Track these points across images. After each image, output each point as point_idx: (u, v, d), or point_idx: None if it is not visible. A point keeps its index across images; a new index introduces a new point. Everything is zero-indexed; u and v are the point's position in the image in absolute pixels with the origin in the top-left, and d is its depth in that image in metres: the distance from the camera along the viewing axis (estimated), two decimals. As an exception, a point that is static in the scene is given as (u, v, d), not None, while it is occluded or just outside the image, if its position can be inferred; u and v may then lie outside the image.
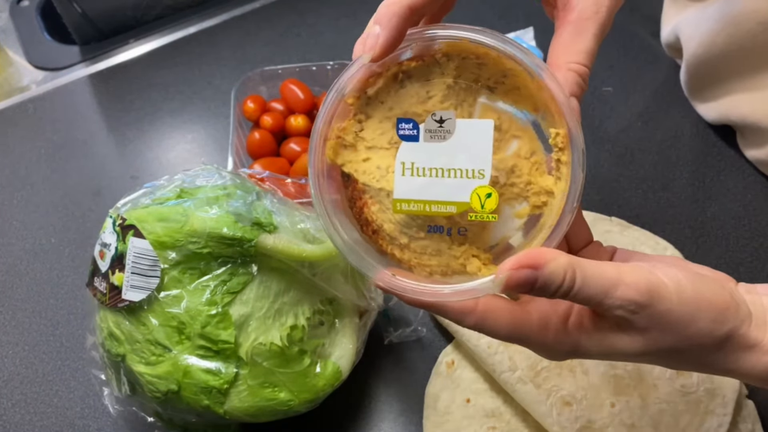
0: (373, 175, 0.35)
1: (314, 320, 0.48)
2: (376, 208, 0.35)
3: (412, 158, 0.34)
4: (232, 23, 0.89)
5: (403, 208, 0.34)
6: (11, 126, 0.80)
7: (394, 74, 0.35)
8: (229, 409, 0.45)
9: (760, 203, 0.65)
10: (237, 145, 0.69)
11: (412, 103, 0.35)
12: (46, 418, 0.56)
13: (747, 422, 0.50)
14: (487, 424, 0.52)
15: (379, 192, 0.35)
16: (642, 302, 0.32)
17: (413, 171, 0.34)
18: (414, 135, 0.34)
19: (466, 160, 0.34)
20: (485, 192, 0.34)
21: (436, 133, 0.34)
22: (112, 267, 0.45)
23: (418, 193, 0.34)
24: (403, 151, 0.34)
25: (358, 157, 0.35)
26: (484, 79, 0.35)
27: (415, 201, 0.34)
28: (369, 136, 0.35)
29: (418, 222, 0.35)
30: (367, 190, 0.35)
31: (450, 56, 0.35)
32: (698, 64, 0.66)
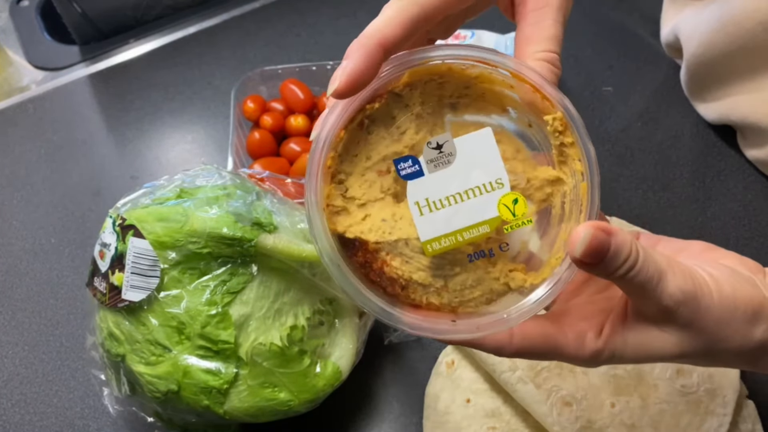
0: (382, 229, 0.33)
1: (314, 320, 0.48)
2: (398, 261, 0.33)
3: (424, 195, 0.32)
4: (232, 23, 0.89)
5: (435, 249, 0.32)
6: (11, 126, 0.80)
7: (359, 123, 0.34)
8: (229, 409, 0.45)
9: (760, 203, 0.65)
10: (237, 145, 0.69)
11: (386, 144, 0.33)
12: (46, 418, 0.56)
13: (747, 422, 0.50)
14: (487, 424, 0.51)
15: (395, 244, 0.33)
16: (690, 293, 0.32)
17: (430, 207, 0.32)
18: (417, 170, 0.33)
19: (480, 175, 0.33)
20: (511, 199, 0.33)
21: (439, 161, 0.33)
22: (112, 267, 0.45)
23: (444, 227, 0.32)
24: (412, 191, 0.32)
25: (355, 218, 0.33)
26: (446, 98, 0.34)
27: (444, 236, 0.32)
28: (357, 193, 0.33)
29: (451, 257, 0.33)
30: (381, 248, 0.33)
31: (413, 85, 0.34)
32: (698, 64, 0.65)
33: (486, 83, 0.35)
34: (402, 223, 0.33)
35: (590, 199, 0.33)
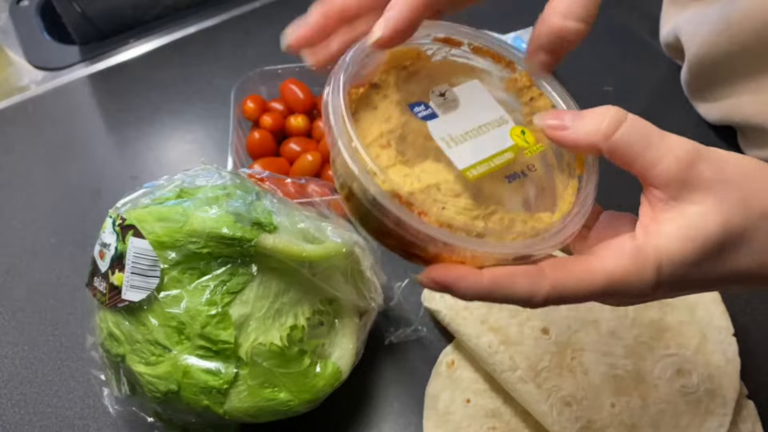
0: (410, 181, 0.33)
1: (314, 320, 0.48)
2: (435, 209, 0.32)
3: (446, 131, 0.34)
4: (232, 23, 0.89)
5: (474, 174, 0.33)
6: (11, 126, 0.80)
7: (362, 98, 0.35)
8: (229, 409, 0.45)
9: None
10: (237, 145, 0.69)
11: (378, 125, 0.35)
12: (46, 418, 0.56)
13: (747, 422, 0.50)
14: (487, 424, 0.51)
15: (427, 191, 0.33)
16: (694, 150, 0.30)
17: (455, 141, 0.34)
18: (432, 113, 0.35)
19: (485, 114, 0.35)
20: (519, 131, 0.35)
21: (446, 106, 0.35)
22: (112, 267, 0.45)
23: (475, 156, 0.33)
24: (434, 129, 0.34)
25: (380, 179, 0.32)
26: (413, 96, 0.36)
27: (479, 163, 0.33)
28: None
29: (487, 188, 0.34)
30: (414, 199, 0.31)
31: (388, 71, 0.36)
32: (700, 64, 0.65)
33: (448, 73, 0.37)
34: (426, 174, 0.33)
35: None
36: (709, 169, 0.30)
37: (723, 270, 0.30)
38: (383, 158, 0.34)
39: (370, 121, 0.35)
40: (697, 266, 0.30)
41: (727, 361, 0.51)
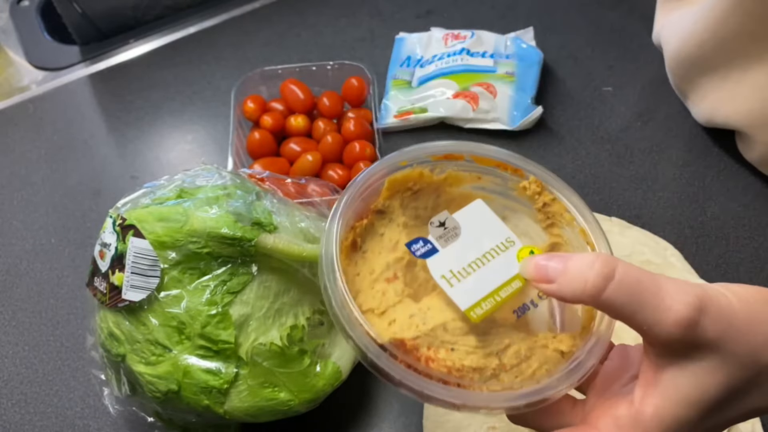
0: (415, 324, 0.32)
1: (314, 320, 0.48)
2: (443, 353, 0.31)
3: (447, 267, 0.32)
4: (232, 23, 0.89)
5: (479, 314, 0.31)
6: (11, 126, 0.80)
7: (352, 244, 0.35)
8: (229, 409, 0.45)
9: (759, 203, 0.65)
10: (237, 145, 0.69)
11: (384, 255, 0.34)
12: (46, 418, 0.56)
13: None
14: (487, 423, 0.51)
15: (434, 333, 0.31)
16: (697, 304, 0.27)
17: (457, 278, 0.32)
18: (432, 248, 0.33)
19: (489, 239, 0.33)
20: (527, 252, 0.33)
21: (447, 236, 0.33)
22: (112, 267, 0.45)
23: (479, 292, 0.31)
24: (433, 267, 0.32)
25: (382, 325, 0.32)
26: (422, 209, 0.36)
27: (483, 300, 0.31)
28: (373, 304, 0.33)
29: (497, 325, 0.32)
30: (420, 343, 0.31)
31: (392, 197, 0.36)
32: (677, 59, 0.65)
33: (454, 185, 0.37)
34: (432, 312, 0.32)
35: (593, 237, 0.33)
36: (713, 325, 0.27)
37: (733, 413, 0.29)
38: (390, 294, 0.33)
39: (377, 251, 0.35)
40: (702, 420, 0.28)
41: (726, 361, 0.51)
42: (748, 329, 0.28)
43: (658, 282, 0.28)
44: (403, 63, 0.77)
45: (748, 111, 0.61)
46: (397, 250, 0.34)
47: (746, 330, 0.28)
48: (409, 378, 0.29)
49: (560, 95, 0.76)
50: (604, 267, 0.28)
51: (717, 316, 0.27)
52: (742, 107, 0.61)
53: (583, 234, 0.34)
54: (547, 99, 0.75)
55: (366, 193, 0.35)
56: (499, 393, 0.30)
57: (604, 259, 0.28)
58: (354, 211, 0.34)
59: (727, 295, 0.28)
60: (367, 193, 0.35)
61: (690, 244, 0.62)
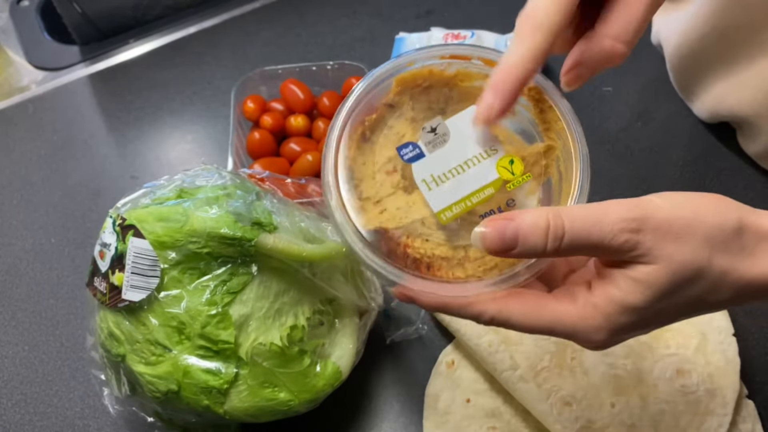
0: (398, 216, 0.36)
1: (314, 320, 0.48)
2: (419, 242, 0.36)
3: (429, 172, 0.36)
4: (232, 23, 0.89)
5: (448, 216, 0.35)
6: (11, 126, 0.80)
7: (362, 135, 0.37)
8: (229, 409, 0.45)
9: (760, 202, 0.64)
10: (237, 145, 0.69)
11: (390, 148, 0.37)
12: (46, 418, 0.56)
13: (747, 422, 0.50)
14: (487, 424, 0.51)
15: (413, 226, 0.36)
16: (639, 216, 0.31)
17: (436, 182, 0.35)
18: (419, 153, 0.36)
19: (474, 146, 0.36)
20: (507, 161, 0.36)
21: (435, 141, 0.36)
22: (112, 267, 0.45)
23: (452, 196, 0.35)
24: (417, 171, 0.36)
25: (372, 213, 0.36)
26: (433, 102, 0.38)
27: (455, 204, 0.35)
28: (371, 193, 0.36)
29: (466, 224, 0.36)
30: (401, 233, 0.36)
31: (402, 93, 0.38)
32: (679, 55, 0.65)
33: (465, 81, 0.38)
34: (415, 207, 0.36)
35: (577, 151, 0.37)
36: (653, 237, 0.31)
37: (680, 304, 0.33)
38: (386, 185, 0.36)
39: (382, 143, 0.37)
40: (651, 309, 0.32)
41: (726, 361, 0.51)
42: (686, 234, 0.31)
43: (600, 220, 0.31)
44: (403, 63, 0.77)
45: (754, 100, 0.60)
46: (401, 142, 0.37)
47: (684, 235, 0.31)
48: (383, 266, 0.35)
49: (560, 95, 0.76)
50: (555, 229, 0.31)
51: (653, 230, 0.31)
52: (748, 96, 0.61)
53: (570, 143, 0.37)
54: (547, 99, 0.75)
55: (371, 94, 0.37)
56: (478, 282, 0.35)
57: (553, 220, 0.31)
58: (363, 108, 0.37)
59: (664, 208, 0.32)
60: (372, 94, 0.37)
61: (690, 244, 0.62)
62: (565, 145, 0.37)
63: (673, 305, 0.33)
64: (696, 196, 0.33)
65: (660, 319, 0.34)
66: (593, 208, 0.32)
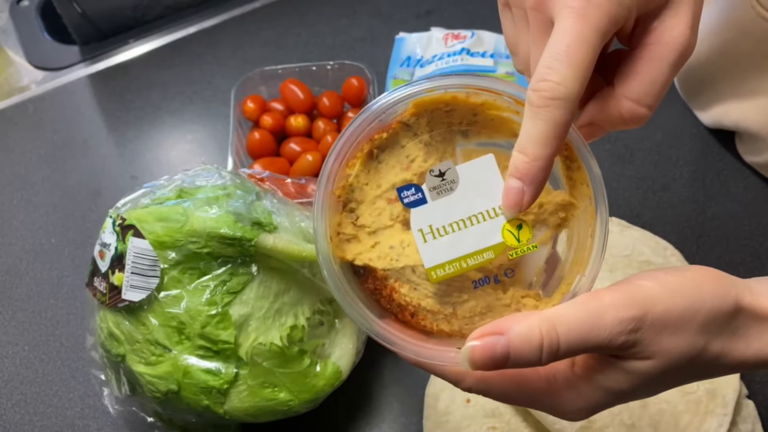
0: (390, 256, 0.33)
1: (314, 320, 0.48)
2: (406, 288, 0.33)
3: (427, 222, 0.32)
4: (232, 23, 0.89)
5: (439, 275, 0.32)
6: (11, 126, 0.80)
7: (369, 153, 0.34)
8: (229, 409, 0.45)
9: (759, 203, 0.65)
10: (237, 145, 0.69)
11: (396, 173, 0.34)
12: (46, 418, 0.56)
13: (747, 422, 0.50)
14: (487, 423, 0.51)
15: (403, 271, 0.33)
16: (637, 315, 0.29)
17: (434, 234, 0.32)
18: (420, 198, 0.33)
19: (483, 202, 0.33)
20: (515, 225, 0.33)
21: (441, 188, 0.33)
22: (112, 267, 0.45)
23: (448, 254, 0.32)
24: (415, 219, 0.32)
25: (365, 246, 0.33)
26: (455, 125, 0.35)
27: (448, 263, 0.32)
28: (368, 221, 0.34)
29: (458, 284, 0.33)
30: (389, 275, 0.33)
31: (420, 114, 0.34)
32: (687, 71, 0.66)
33: (493, 110, 0.34)
34: (409, 250, 0.33)
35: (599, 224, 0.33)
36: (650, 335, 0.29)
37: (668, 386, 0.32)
38: (385, 216, 0.33)
39: (391, 165, 0.34)
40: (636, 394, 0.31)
41: (726, 361, 0.51)
42: (683, 325, 0.30)
43: (596, 325, 0.29)
44: (403, 63, 0.77)
45: (759, 119, 0.61)
46: (410, 170, 0.33)
47: (681, 326, 0.30)
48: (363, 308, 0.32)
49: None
50: (549, 343, 0.29)
51: (651, 328, 0.29)
52: (755, 113, 0.61)
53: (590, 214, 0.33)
54: (547, 99, 0.75)
55: (386, 113, 0.34)
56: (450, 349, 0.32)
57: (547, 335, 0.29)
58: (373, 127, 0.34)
59: (662, 299, 0.30)
60: (386, 113, 0.34)
61: (690, 244, 0.62)
62: (585, 209, 0.33)
63: (660, 386, 0.32)
64: (693, 277, 0.31)
65: (645, 395, 0.33)
66: (588, 309, 0.29)
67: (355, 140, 0.33)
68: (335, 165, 0.33)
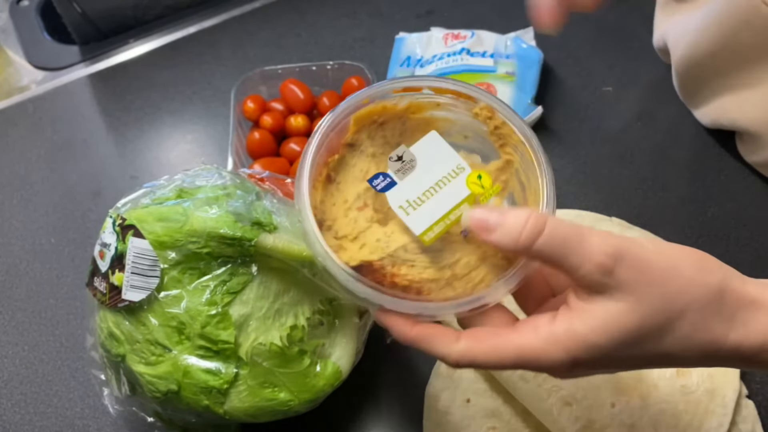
0: (379, 247, 0.37)
1: (314, 320, 0.48)
2: (404, 269, 0.36)
3: (404, 198, 0.37)
4: (232, 23, 0.89)
5: (431, 237, 0.36)
6: (11, 126, 0.80)
7: (327, 177, 0.38)
8: (229, 409, 0.45)
9: (760, 203, 0.65)
10: (237, 145, 0.69)
11: (356, 185, 0.38)
12: (46, 418, 0.56)
13: (747, 422, 0.50)
14: (487, 424, 0.52)
15: (396, 254, 0.36)
16: (620, 246, 0.31)
17: (412, 206, 0.36)
18: (390, 182, 0.37)
19: (442, 168, 0.37)
20: (476, 176, 0.37)
21: (404, 168, 0.37)
22: (112, 267, 0.45)
23: (431, 217, 0.36)
24: (392, 199, 0.37)
25: (353, 250, 0.37)
26: (388, 137, 0.40)
27: (434, 224, 0.36)
28: (347, 231, 0.37)
29: (448, 245, 0.37)
30: (385, 264, 0.36)
31: (359, 131, 0.39)
32: (686, 67, 0.65)
33: (417, 112, 0.40)
34: (395, 236, 0.37)
35: (537, 159, 0.37)
36: (629, 271, 0.31)
37: (646, 353, 0.32)
38: (361, 221, 0.37)
39: (349, 182, 0.38)
40: (615, 352, 0.32)
41: (726, 361, 0.51)
42: (662, 279, 0.31)
43: (583, 235, 0.31)
44: (403, 63, 0.77)
45: (757, 117, 0.61)
46: (367, 179, 0.38)
47: (660, 280, 0.31)
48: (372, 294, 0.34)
49: (560, 95, 0.76)
50: (535, 223, 0.32)
51: (631, 264, 0.31)
52: (755, 111, 0.61)
53: (529, 154, 0.38)
54: (547, 99, 0.75)
55: (333, 133, 0.38)
56: (447, 302, 0.35)
57: (536, 216, 0.32)
58: (325, 150, 0.38)
59: (647, 248, 0.32)
60: (334, 133, 0.38)
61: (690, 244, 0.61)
62: (523, 156, 0.38)
63: (638, 355, 0.32)
64: (684, 249, 0.33)
65: (625, 365, 0.34)
66: (578, 228, 0.32)
67: (316, 161, 0.37)
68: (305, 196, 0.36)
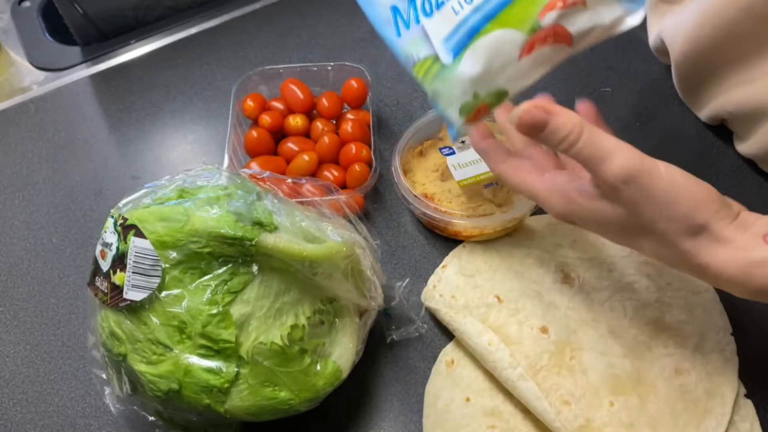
0: (436, 185, 0.63)
1: (314, 319, 0.48)
2: (445, 202, 0.61)
3: (457, 161, 0.61)
4: (233, 24, 0.89)
5: (464, 184, 0.60)
6: (13, 126, 0.80)
7: (419, 152, 0.66)
8: (230, 408, 0.45)
9: (758, 203, 0.65)
10: (235, 143, 0.69)
11: (433, 161, 0.65)
12: (47, 417, 0.56)
13: (746, 422, 0.50)
14: (486, 422, 0.52)
15: (443, 193, 0.62)
16: (633, 173, 0.39)
17: (460, 166, 0.61)
18: (452, 151, 0.62)
19: None
20: None
21: (463, 147, 0.62)
22: (114, 266, 0.45)
23: (468, 174, 0.60)
24: (450, 161, 0.61)
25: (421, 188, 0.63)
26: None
27: (469, 178, 0.60)
28: (421, 180, 0.64)
29: (475, 195, 0.61)
30: (436, 196, 0.62)
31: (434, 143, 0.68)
32: (687, 61, 0.65)
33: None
34: (447, 185, 0.62)
35: None
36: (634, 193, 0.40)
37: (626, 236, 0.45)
38: (430, 177, 0.64)
39: (431, 157, 0.65)
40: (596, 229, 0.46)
41: (725, 360, 0.52)
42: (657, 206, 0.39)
43: (610, 146, 0.40)
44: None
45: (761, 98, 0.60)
46: (435, 165, 0.65)
47: (653, 206, 0.40)
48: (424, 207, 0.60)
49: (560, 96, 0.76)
50: (572, 130, 0.40)
51: (638, 187, 0.39)
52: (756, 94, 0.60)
53: None
54: (547, 99, 0.75)
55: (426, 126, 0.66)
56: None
57: (578, 119, 0.40)
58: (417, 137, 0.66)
59: (660, 173, 0.40)
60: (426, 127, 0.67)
61: (689, 243, 0.62)
62: None
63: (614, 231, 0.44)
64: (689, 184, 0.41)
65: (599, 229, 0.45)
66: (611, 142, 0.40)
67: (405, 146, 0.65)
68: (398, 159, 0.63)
